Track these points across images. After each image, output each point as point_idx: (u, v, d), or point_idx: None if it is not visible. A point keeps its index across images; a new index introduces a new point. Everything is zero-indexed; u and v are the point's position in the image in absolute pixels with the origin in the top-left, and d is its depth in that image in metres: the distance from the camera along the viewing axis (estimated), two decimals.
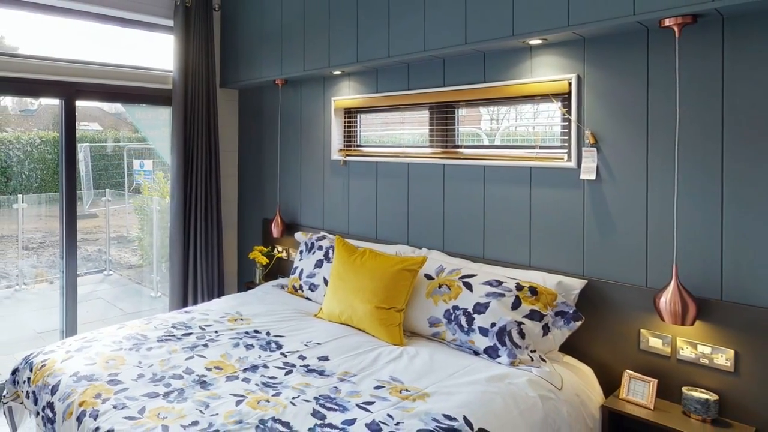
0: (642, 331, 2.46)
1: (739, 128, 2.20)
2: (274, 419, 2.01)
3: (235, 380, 2.35)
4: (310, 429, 1.94)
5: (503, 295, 2.57)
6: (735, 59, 2.21)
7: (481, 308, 2.59)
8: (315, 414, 2.04)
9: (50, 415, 2.30)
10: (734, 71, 2.21)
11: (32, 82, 3.71)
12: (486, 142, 3.36)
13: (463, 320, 2.62)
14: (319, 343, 2.73)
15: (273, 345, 2.73)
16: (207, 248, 4.31)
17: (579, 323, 2.52)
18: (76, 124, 3.96)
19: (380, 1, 3.22)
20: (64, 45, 4.12)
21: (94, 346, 2.69)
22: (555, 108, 2.87)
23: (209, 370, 2.44)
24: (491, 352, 2.49)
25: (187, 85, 4.17)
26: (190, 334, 2.88)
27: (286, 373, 2.41)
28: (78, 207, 4.03)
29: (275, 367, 2.48)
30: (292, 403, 2.12)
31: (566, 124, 2.77)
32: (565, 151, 2.78)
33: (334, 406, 2.10)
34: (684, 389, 2.24)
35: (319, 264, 3.51)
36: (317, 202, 4.15)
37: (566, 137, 2.78)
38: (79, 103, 3.98)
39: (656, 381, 2.31)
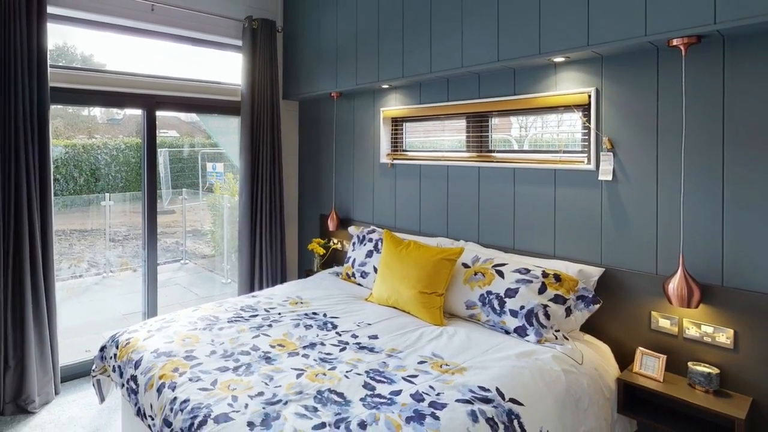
0: (653, 312, 2.51)
1: (738, 136, 2.25)
2: (329, 390, 2.04)
3: (296, 356, 2.38)
4: (361, 399, 1.97)
5: (531, 282, 2.62)
6: (734, 75, 2.25)
7: (511, 293, 2.64)
8: (366, 386, 2.08)
9: (134, 386, 2.34)
10: (734, 85, 2.26)
11: (118, 94, 3.80)
12: (516, 148, 3.35)
13: (495, 303, 2.68)
14: (369, 324, 2.78)
15: (329, 325, 2.78)
16: (271, 240, 4.41)
17: (597, 306, 2.57)
18: (157, 132, 4.04)
19: (423, 24, 3.27)
20: (146, 62, 4.26)
21: (172, 326, 2.74)
22: (576, 117, 2.90)
23: (273, 347, 2.48)
24: (520, 332, 2.54)
25: (254, 97, 4.27)
26: (256, 315, 2.91)
27: (341, 350, 2.45)
28: (158, 204, 4.09)
29: (331, 344, 2.52)
30: (346, 376, 2.15)
31: (586, 131, 2.81)
32: (585, 155, 2.82)
33: (382, 379, 2.14)
34: (689, 364, 2.31)
35: (369, 254, 3.57)
36: (368, 200, 4.18)
37: (586, 143, 2.82)
38: (159, 113, 4.07)
39: (665, 357, 2.38)
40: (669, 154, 2.48)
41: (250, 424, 1.78)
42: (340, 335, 2.63)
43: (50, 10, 3.33)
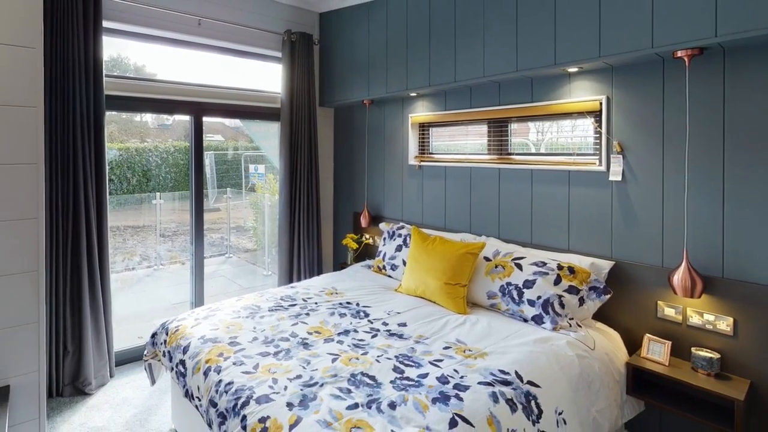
0: (659, 302, 2.54)
1: (737, 140, 2.28)
2: (362, 373, 2.05)
3: (331, 342, 2.39)
4: (391, 381, 1.99)
5: (547, 274, 2.65)
6: (734, 84, 2.29)
7: (529, 284, 2.66)
8: (395, 369, 2.10)
9: (182, 370, 2.35)
10: (733, 94, 2.29)
11: (168, 102, 3.83)
12: (533, 151, 3.34)
13: (514, 294, 2.71)
14: (398, 312, 2.79)
15: (361, 314, 2.79)
16: (308, 235, 4.45)
17: (608, 296, 2.59)
18: (203, 136, 4.06)
19: (448, 36, 3.29)
20: (193, 72, 4.22)
21: (217, 314, 2.74)
22: (589, 123, 2.91)
23: (310, 333, 2.49)
24: (537, 320, 2.57)
25: (293, 104, 4.31)
26: (294, 305, 2.93)
27: (372, 337, 2.46)
28: (204, 203, 4.09)
29: (363, 331, 2.53)
30: (377, 361, 2.17)
31: (598, 135, 2.83)
32: (597, 157, 2.83)
33: (410, 363, 2.15)
34: (693, 349, 2.35)
35: (398, 248, 3.59)
36: (397, 199, 4.21)
37: (598, 146, 2.83)
38: (206, 119, 4.07)
39: (670, 343, 2.42)
40: (674, 156, 2.50)
41: (289, 405, 1.82)
42: (371, 323, 2.65)
43: (106, 24, 3.39)
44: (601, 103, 2.78)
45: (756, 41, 2.11)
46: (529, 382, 2.03)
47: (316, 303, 2.97)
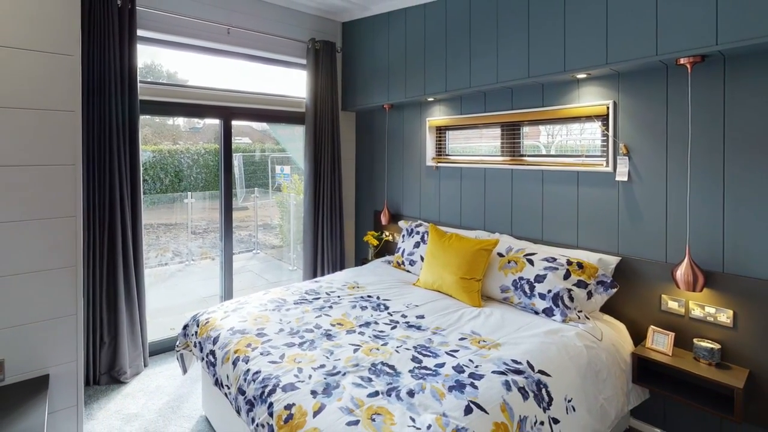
0: (663, 295, 2.57)
1: (737, 142, 2.32)
2: (382, 363, 2.07)
3: (353, 333, 2.40)
4: (410, 371, 2.00)
5: (557, 269, 2.67)
6: (733, 89, 2.32)
7: (540, 278, 2.69)
8: (413, 359, 2.11)
9: (212, 360, 2.36)
10: (732, 99, 2.32)
11: (198, 106, 3.86)
12: (544, 152, 3.35)
13: (526, 288, 2.73)
14: (416, 305, 2.81)
15: (382, 306, 2.80)
16: (331, 233, 4.49)
17: (615, 290, 2.62)
18: (232, 139, 4.07)
19: (463, 45, 3.32)
20: (222, 78, 4.22)
21: (245, 307, 2.75)
22: (596, 126, 2.93)
23: (333, 325, 2.51)
24: (548, 312, 2.59)
25: (316, 108, 4.37)
26: (318, 298, 2.94)
27: (392, 328, 2.48)
28: (233, 201, 4.08)
29: (383, 323, 2.55)
30: (396, 351, 2.19)
31: (605, 138, 2.85)
32: (604, 158, 2.85)
33: (428, 353, 2.17)
34: (695, 340, 2.38)
35: (417, 245, 3.61)
36: (415, 198, 4.24)
37: (605, 148, 2.86)
38: (234, 123, 4.08)
39: (674, 334, 2.45)
40: (677, 158, 2.52)
41: (314, 393, 1.83)
42: (391, 315, 2.67)
43: (140, 33, 3.45)
44: (608, 108, 2.80)
45: (754, 49, 2.14)
46: (540, 371, 2.05)
47: (338, 296, 2.99)
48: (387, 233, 4.54)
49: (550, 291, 2.64)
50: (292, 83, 4.63)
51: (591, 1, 2.58)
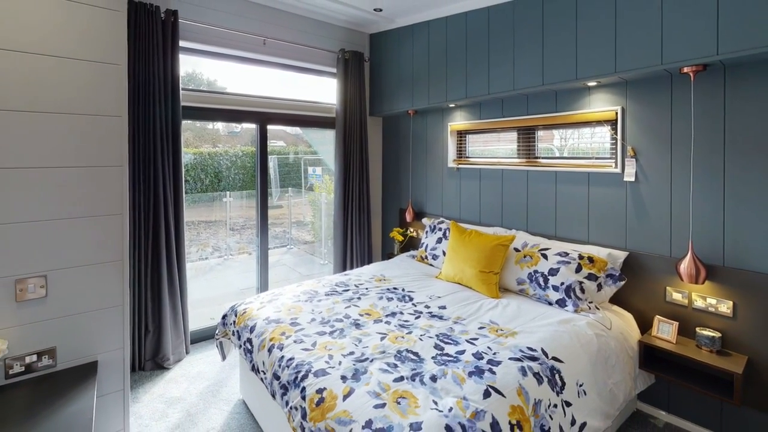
0: (667, 287, 2.61)
1: (736, 145, 2.35)
2: (407, 350, 2.09)
3: (380, 323, 2.42)
4: (432, 357, 2.02)
5: (569, 263, 2.71)
6: (733, 96, 2.36)
7: (553, 272, 2.73)
8: (436, 346, 2.13)
9: (249, 347, 2.37)
10: (733, 105, 2.36)
11: (236, 112, 3.88)
12: (557, 155, 3.37)
13: (541, 280, 2.76)
14: (439, 297, 2.84)
15: (406, 298, 2.82)
16: (360, 229, 4.53)
17: (623, 282, 2.66)
18: (268, 142, 4.08)
19: (482, 55, 3.36)
20: (258, 85, 4.22)
21: (279, 299, 2.77)
22: (606, 130, 2.95)
23: (361, 315, 2.52)
24: (561, 303, 2.63)
25: (346, 114, 4.41)
26: (347, 290, 2.96)
27: (416, 318, 2.49)
28: (269, 200, 4.11)
29: (408, 313, 2.57)
30: (420, 339, 2.20)
31: (614, 141, 2.87)
32: (613, 160, 2.89)
33: (449, 341, 2.19)
34: (697, 329, 2.43)
35: (439, 240, 3.64)
36: (438, 197, 4.26)
37: (614, 151, 2.88)
38: (270, 127, 4.11)
39: (677, 323, 2.51)
40: (680, 160, 2.56)
41: (343, 378, 1.85)
42: (415, 306, 2.69)
43: (182, 44, 3.47)
44: (616, 113, 2.84)
45: (753, 58, 2.19)
46: (554, 358, 2.07)
47: (366, 288, 3.01)
48: (411, 230, 4.56)
49: (562, 283, 2.67)
50: (324, 90, 4.66)
51: (601, 15, 2.61)
